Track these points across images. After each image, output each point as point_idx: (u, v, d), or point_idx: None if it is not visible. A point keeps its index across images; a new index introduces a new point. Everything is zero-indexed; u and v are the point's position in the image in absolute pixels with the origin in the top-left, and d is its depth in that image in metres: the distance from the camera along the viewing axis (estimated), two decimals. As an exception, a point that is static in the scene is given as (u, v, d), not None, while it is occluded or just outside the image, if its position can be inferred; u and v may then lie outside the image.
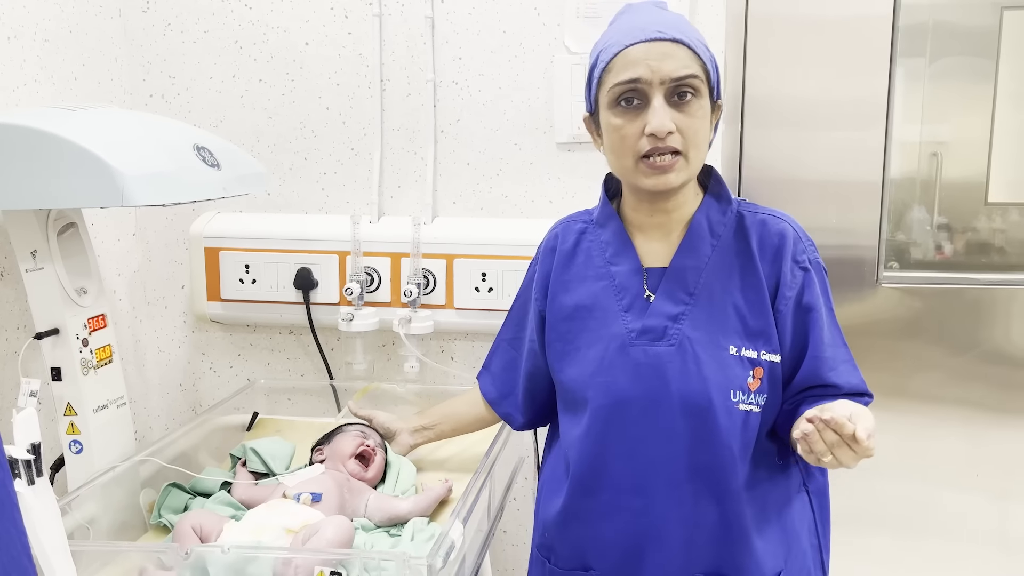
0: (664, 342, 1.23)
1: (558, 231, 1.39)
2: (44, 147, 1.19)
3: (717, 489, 1.22)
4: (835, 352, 1.25)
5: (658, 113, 1.17)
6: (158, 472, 1.47)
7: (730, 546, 1.23)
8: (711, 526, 1.23)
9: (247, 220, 1.91)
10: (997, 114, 1.86)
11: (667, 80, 1.17)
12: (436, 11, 1.83)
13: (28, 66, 1.59)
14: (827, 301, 1.27)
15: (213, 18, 1.89)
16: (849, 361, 1.27)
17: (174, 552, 1.14)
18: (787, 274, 1.25)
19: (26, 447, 0.93)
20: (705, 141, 1.23)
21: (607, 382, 1.25)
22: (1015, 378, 1.91)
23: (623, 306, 1.27)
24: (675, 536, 1.24)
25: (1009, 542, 1.96)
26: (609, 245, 1.31)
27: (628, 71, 1.18)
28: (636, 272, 1.28)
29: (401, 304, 1.83)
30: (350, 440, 1.48)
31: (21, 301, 1.55)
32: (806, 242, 1.28)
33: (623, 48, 1.20)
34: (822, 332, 1.24)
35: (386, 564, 1.11)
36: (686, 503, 1.23)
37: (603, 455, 1.26)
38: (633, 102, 1.19)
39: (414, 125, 1.88)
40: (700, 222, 1.27)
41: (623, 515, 1.26)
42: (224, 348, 2.01)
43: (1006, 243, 1.91)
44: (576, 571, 1.31)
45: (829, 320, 1.27)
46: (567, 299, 1.33)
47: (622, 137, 1.21)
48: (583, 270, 1.33)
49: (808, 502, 1.31)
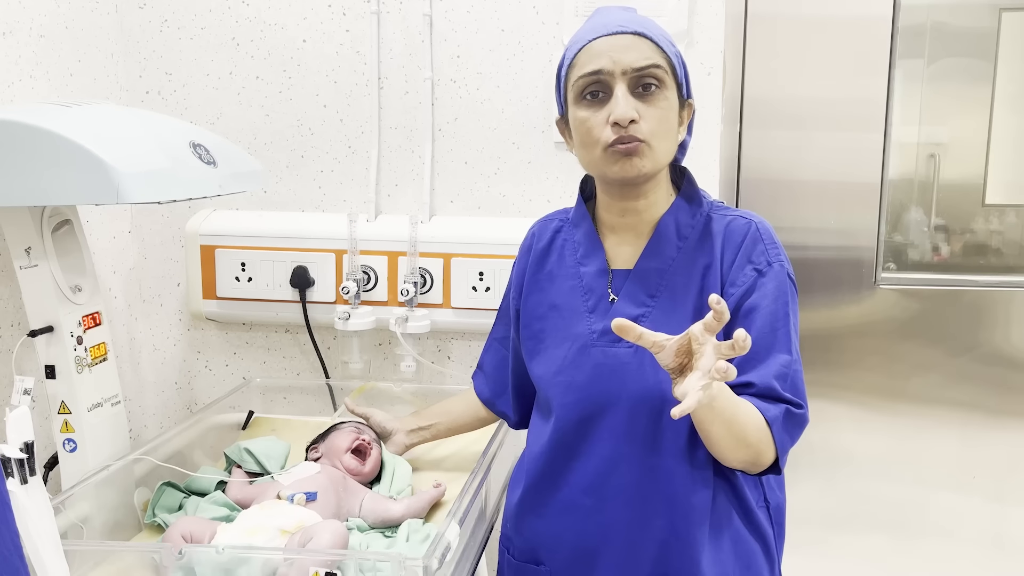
0: (623, 344, 1.22)
1: (535, 230, 1.40)
2: (39, 143, 1.18)
3: (668, 494, 1.22)
4: (764, 353, 1.18)
5: (620, 102, 1.17)
6: (152, 471, 1.46)
7: (678, 553, 1.22)
8: (659, 531, 1.23)
9: (243, 218, 1.90)
10: (995, 116, 1.86)
11: (629, 70, 1.18)
12: (434, 9, 1.82)
13: (23, 62, 1.58)
14: (783, 305, 1.21)
15: (210, 15, 1.88)
16: (784, 365, 1.18)
17: (168, 552, 1.13)
18: (735, 273, 1.23)
19: (19, 446, 0.93)
20: (671, 132, 1.22)
21: (567, 381, 1.26)
22: (1012, 380, 1.91)
23: (588, 307, 1.28)
24: (623, 538, 1.24)
25: (1005, 543, 1.96)
26: (580, 245, 1.32)
27: (591, 63, 1.20)
28: (602, 273, 1.29)
29: (398, 303, 1.82)
30: (345, 435, 1.48)
31: (15, 298, 1.55)
32: (767, 243, 1.24)
33: (586, 43, 1.21)
34: (751, 330, 1.16)
35: (382, 565, 1.11)
36: (636, 506, 1.23)
37: (560, 453, 1.27)
38: (598, 95, 1.20)
39: (412, 123, 1.87)
40: (668, 224, 1.27)
41: (575, 514, 1.27)
42: (220, 346, 2.00)
43: (1003, 245, 1.91)
44: (529, 564, 1.33)
45: (775, 324, 1.20)
46: (539, 298, 1.34)
47: (588, 129, 1.21)
48: (555, 269, 1.34)
49: (768, 518, 1.29)
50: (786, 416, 1.18)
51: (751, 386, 1.19)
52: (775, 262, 1.23)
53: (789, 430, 1.19)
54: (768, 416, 1.16)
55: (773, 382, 1.18)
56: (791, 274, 1.25)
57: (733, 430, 1.15)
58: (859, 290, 1.90)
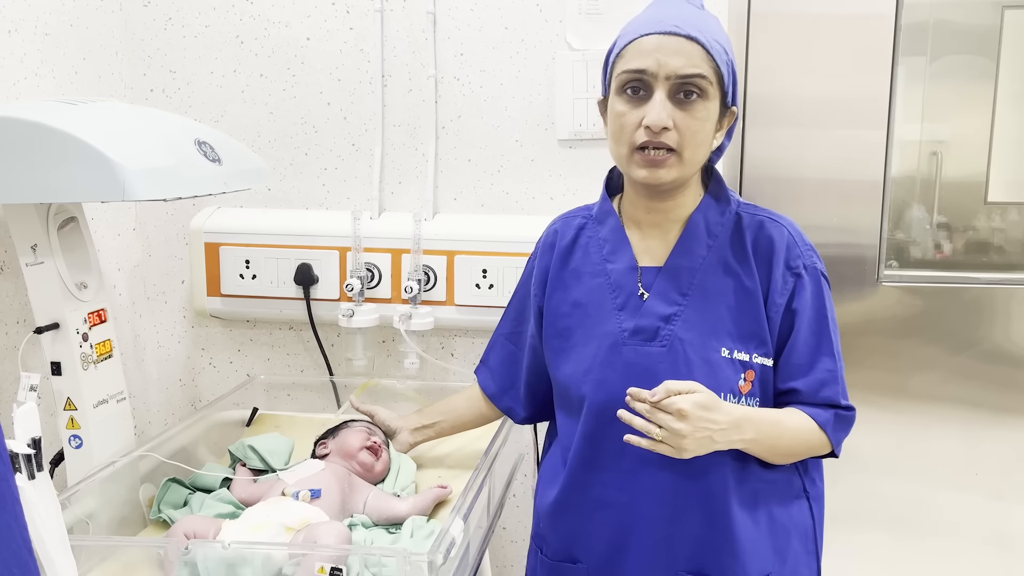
0: (656, 343, 1.23)
1: (557, 227, 1.39)
2: (45, 141, 1.19)
3: (703, 490, 1.22)
4: (810, 359, 1.24)
5: (656, 107, 1.17)
6: (157, 467, 1.47)
7: (714, 547, 1.23)
8: (695, 526, 1.23)
9: (247, 215, 1.91)
10: (997, 113, 1.86)
11: (672, 76, 1.17)
12: (438, 7, 1.83)
13: (29, 60, 1.59)
14: (821, 307, 1.25)
15: (214, 12, 1.89)
16: (830, 371, 1.24)
17: (174, 547, 1.14)
18: (778, 279, 1.24)
19: (27, 441, 0.93)
20: (704, 143, 1.22)
21: (600, 380, 1.26)
22: (1014, 377, 1.91)
23: (617, 304, 1.27)
24: (658, 534, 1.24)
25: (1007, 541, 1.96)
26: (606, 242, 1.31)
27: (636, 61, 1.19)
28: (631, 270, 1.28)
29: (401, 300, 1.83)
30: (357, 434, 1.48)
31: (21, 295, 1.55)
32: (803, 247, 1.26)
33: (637, 37, 1.20)
34: (797, 337, 1.24)
35: (387, 560, 1.11)
36: (670, 502, 1.23)
37: (595, 451, 1.27)
38: (639, 92, 1.20)
39: (415, 121, 1.87)
40: (697, 222, 1.27)
41: (610, 511, 1.27)
42: (224, 343, 2.01)
43: (1005, 242, 1.91)
44: (564, 563, 1.33)
45: (818, 327, 1.25)
46: (564, 296, 1.33)
47: (621, 125, 1.21)
48: (580, 266, 1.33)
49: (808, 508, 1.30)
50: (836, 418, 1.24)
51: (797, 393, 1.24)
52: (810, 265, 1.26)
53: (840, 430, 1.26)
54: (819, 420, 1.23)
55: (820, 389, 1.24)
56: (824, 272, 1.28)
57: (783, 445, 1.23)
58: (861, 287, 1.90)
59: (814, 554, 1.31)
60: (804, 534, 1.30)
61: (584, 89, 1.80)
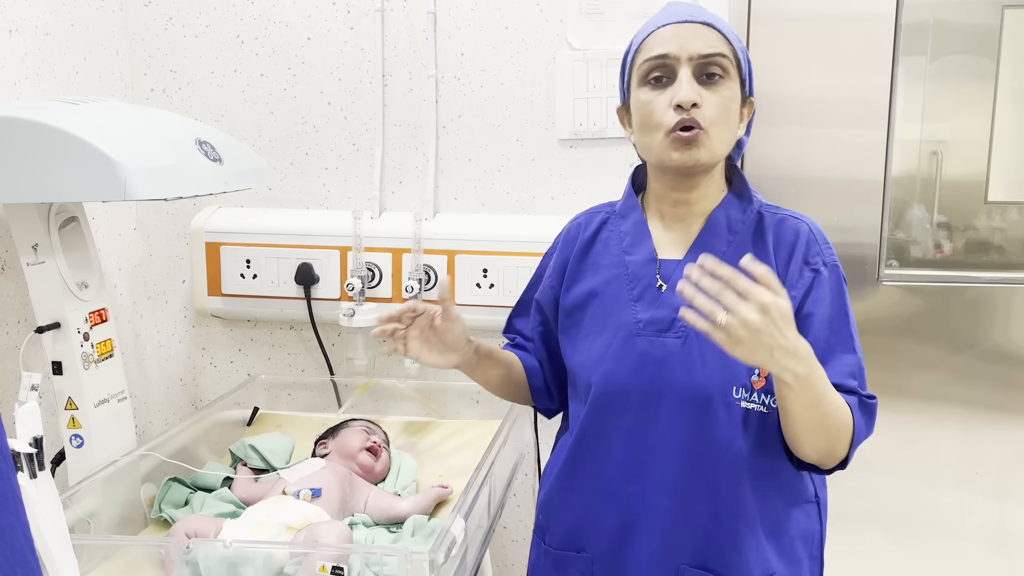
0: (671, 334, 1.23)
1: (581, 220, 1.39)
2: (46, 140, 1.19)
3: (711, 484, 1.22)
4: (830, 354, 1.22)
5: (684, 85, 1.18)
6: (158, 467, 1.47)
7: (718, 541, 1.23)
8: (702, 519, 1.23)
9: (248, 215, 1.91)
10: (997, 113, 1.86)
11: (695, 56, 1.19)
12: (438, 6, 1.83)
13: (29, 60, 1.59)
14: (839, 303, 1.26)
15: (215, 12, 1.89)
16: (850, 364, 1.23)
17: (175, 546, 1.14)
18: (795, 274, 1.24)
19: (28, 441, 0.93)
20: (732, 123, 1.23)
21: (610, 370, 1.26)
22: (1014, 376, 1.91)
23: (634, 295, 1.27)
24: (663, 526, 1.24)
25: (1007, 541, 1.96)
26: (627, 235, 1.32)
27: (658, 48, 1.21)
28: (650, 262, 1.28)
29: (402, 300, 1.83)
30: (357, 435, 1.48)
31: (22, 295, 1.55)
32: (822, 243, 1.27)
33: (655, 29, 1.23)
34: (818, 333, 1.23)
35: (388, 559, 1.12)
36: (677, 495, 1.23)
37: (601, 441, 1.27)
38: (662, 79, 1.21)
39: (416, 121, 1.88)
40: (718, 218, 1.28)
41: (617, 500, 1.27)
42: (225, 343, 2.01)
43: (1005, 242, 1.91)
44: (569, 552, 1.32)
45: (839, 324, 1.25)
46: (581, 287, 1.33)
47: (650, 112, 1.22)
48: (599, 258, 1.34)
49: (817, 514, 1.30)
50: (861, 404, 1.22)
51: None
52: (829, 262, 1.26)
53: (866, 416, 1.23)
54: (848, 401, 1.20)
55: (844, 379, 1.22)
56: (839, 266, 1.28)
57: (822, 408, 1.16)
58: (862, 287, 1.90)
59: (818, 560, 1.31)
60: (811, 540, 1.29)
61: (584, 89, 1.81)
